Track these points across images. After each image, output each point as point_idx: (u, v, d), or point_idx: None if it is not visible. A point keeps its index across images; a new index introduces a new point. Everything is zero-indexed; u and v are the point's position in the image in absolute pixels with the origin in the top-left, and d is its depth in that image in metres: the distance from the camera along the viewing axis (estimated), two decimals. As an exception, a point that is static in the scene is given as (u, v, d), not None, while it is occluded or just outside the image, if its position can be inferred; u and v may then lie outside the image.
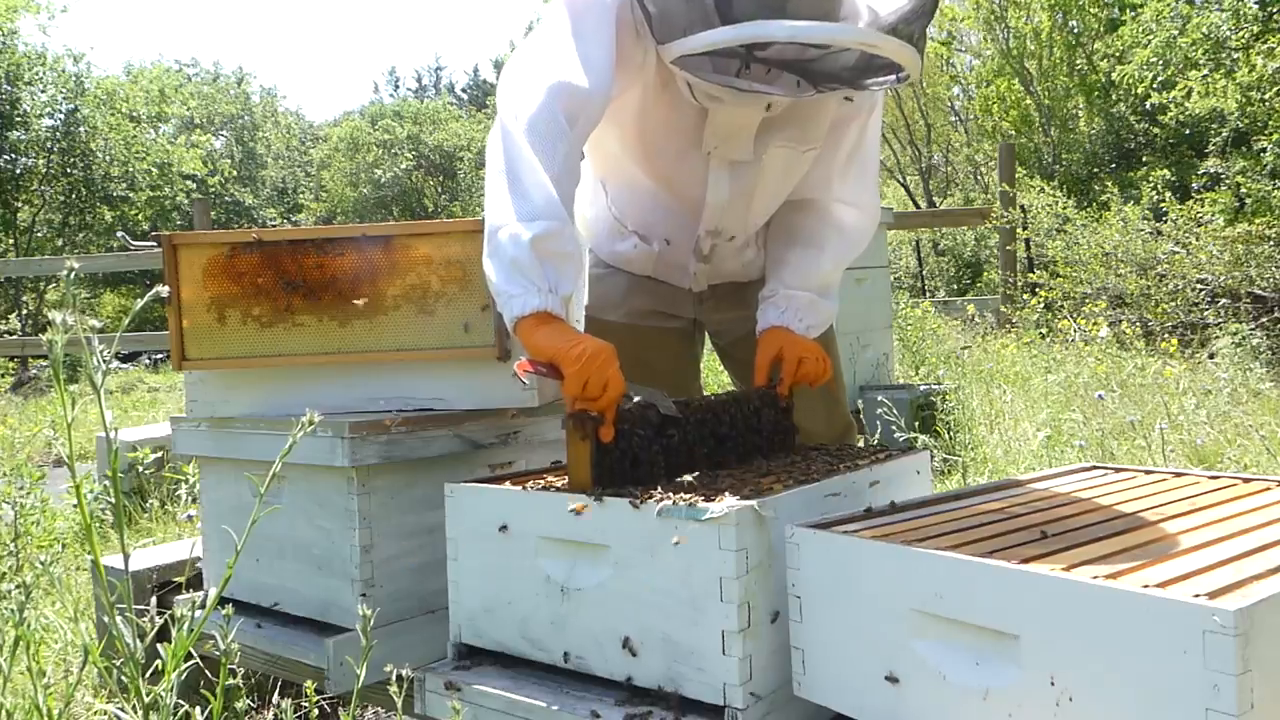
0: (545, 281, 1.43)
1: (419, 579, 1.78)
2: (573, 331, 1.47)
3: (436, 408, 1.85)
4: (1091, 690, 0.93)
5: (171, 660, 1.08)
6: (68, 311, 1.00)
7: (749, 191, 1.80)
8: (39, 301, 16.83)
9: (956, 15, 16.15)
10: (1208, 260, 6.98)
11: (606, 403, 1.43)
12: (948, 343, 6.25)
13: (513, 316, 1.45)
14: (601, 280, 2.03)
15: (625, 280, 2.01)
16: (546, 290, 1.43)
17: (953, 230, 15.64)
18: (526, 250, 1.42)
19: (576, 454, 1.44)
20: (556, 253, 1.45)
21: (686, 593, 1.23)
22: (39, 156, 16.88)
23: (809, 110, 1.74)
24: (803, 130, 1.76)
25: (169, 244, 1.82)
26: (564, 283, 1.46)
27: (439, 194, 26.78)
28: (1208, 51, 9.29)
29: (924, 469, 1.65)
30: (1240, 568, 0.99)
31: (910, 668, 1.09)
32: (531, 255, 1.42)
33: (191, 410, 1.96)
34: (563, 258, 1.46)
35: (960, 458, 3.90)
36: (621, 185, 1.93)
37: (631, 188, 1.90)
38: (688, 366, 2.14)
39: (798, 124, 1.74)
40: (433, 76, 36.42)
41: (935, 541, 1.13)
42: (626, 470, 1.47)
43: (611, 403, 1.44)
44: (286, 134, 30.70)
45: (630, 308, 2.02)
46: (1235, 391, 4.40)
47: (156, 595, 2.08)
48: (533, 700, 1.32)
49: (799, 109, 1.72)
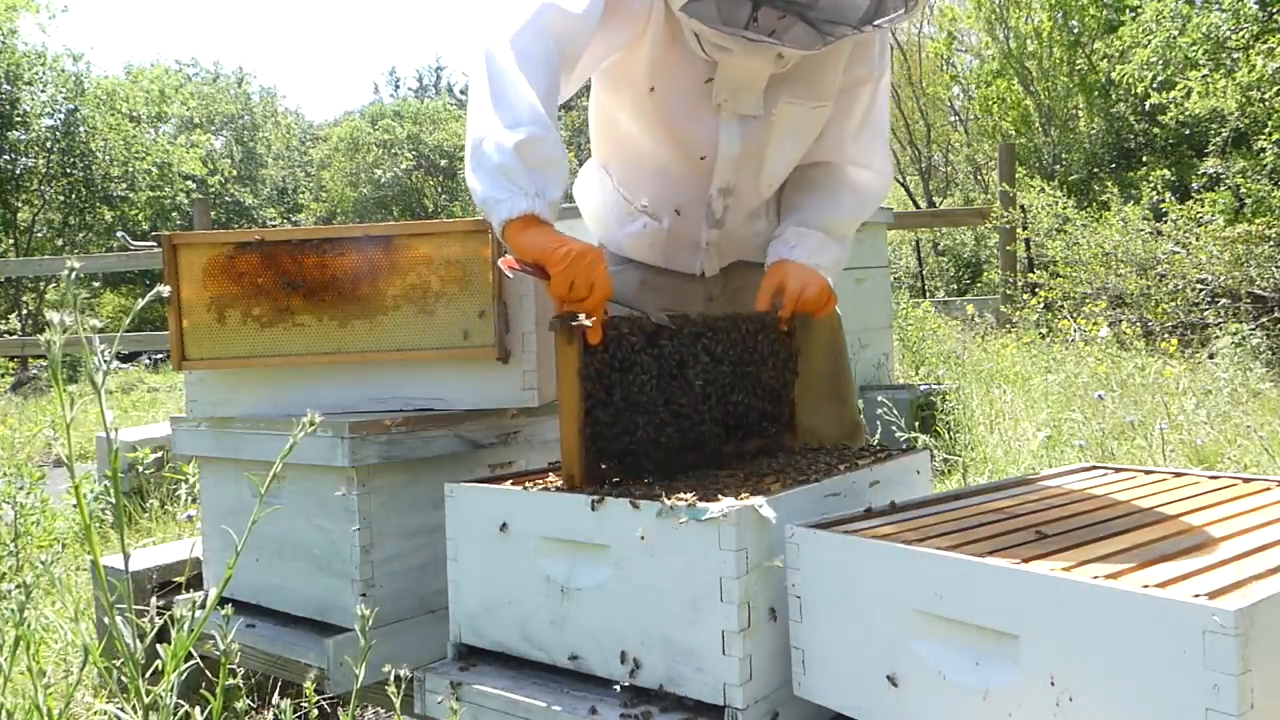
0: (532, 185, 1.43)
1: (419, 579, 1.78)
2: (560, 234, 1.45)
3: (436, 408, 1.85)
4: (1091, 690, 0.93)
5: (171, 660, 1.08)
6: (67, 311, 0.99)
7: (760, 148, 1.79)
8: (39, 301, 16.82)
9: (957, 15, 16.15)
10: (1208, 260, 6.98)
11: (593, 304, 1.41)
12: (948, 343, 6.24)
13: (500, 221, 1.44)
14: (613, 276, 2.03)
15: (635, 279, 2.00)
16: (534, 194, 1.43)
17: (953, 230, 15.65)
18: (511, 156, 1.42)
19: (563, 359, 1.42)
20: (542, 158, 1.44)
21: (686, 593, 1.23)
22: (39, 156, 16.88)
23: (818, 66, 1.74)
24: (812, 86, 1.75)
25: (169, 244, 1.82)
26: (551, 188, 1.45)
27: (439, 194, 26.77)
28: (1208, 51, 9.30)
29: (924, 469, 1.65)
30: (1240, 568, 0.99)
31: (910, 668, 1.09)
32: (517, 160, 1.42)
33: (191, 410, 1.96)
34: (549, 163, 1.45)
35: (960, 458, 3.90)
36: (629, 161, 1.92)
37: (639, 160, 1.89)
38: None
39: (807, 80, 1.74)
40: (433, 76, 36.37)
41: (935, 541, 1.13)
42: (614, 375, 1.44)
43: (598, 304, 1.42)
44: (286, 134, 30.70)
45: (641, 305, 2.01)
46: (1235, 391, 4.40)
47: (156, 595, 2.08)
48: (532, 700, 1.32)
49: (808, 65, 1.72)
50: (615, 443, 1.49)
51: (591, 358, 1.43)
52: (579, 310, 1.42)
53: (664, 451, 1.55)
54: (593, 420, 1.46)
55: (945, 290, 16.26)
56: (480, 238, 1.77)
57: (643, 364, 1.49)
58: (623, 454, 1.50)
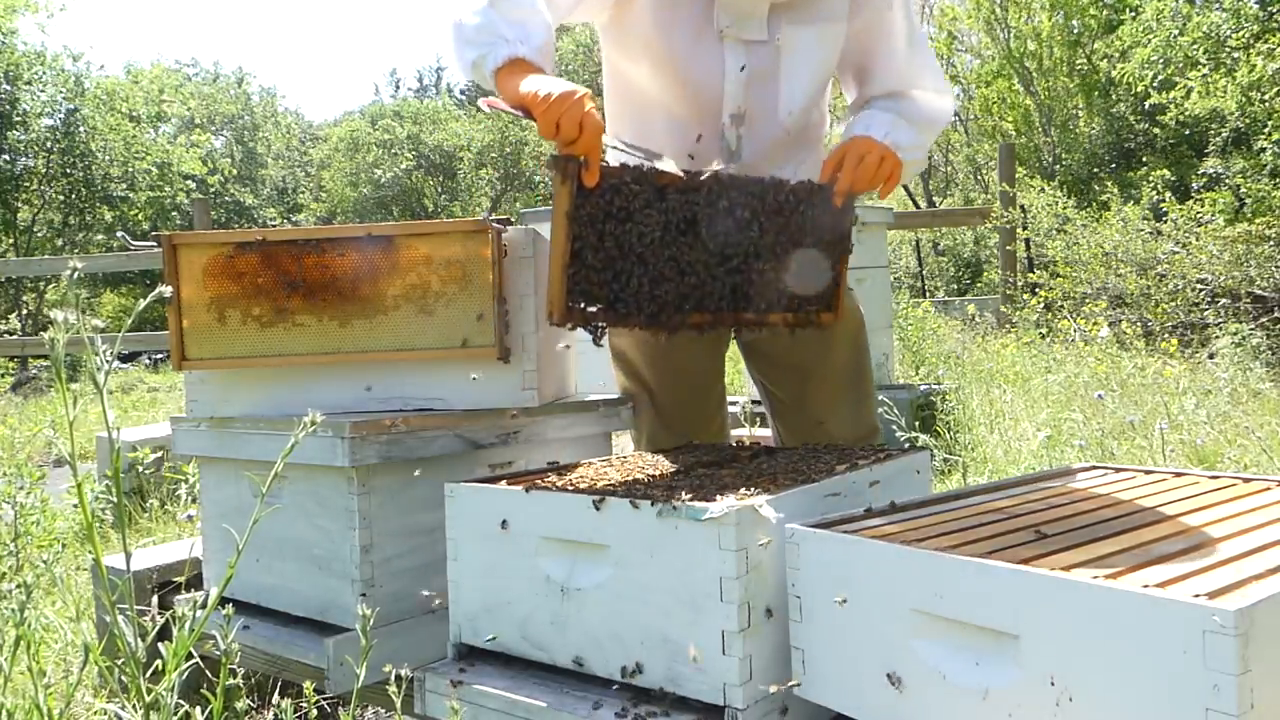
0: (513, 33, 1.44)
1: (419, 579, 1.78)
2: (549, 78, 1.43)
3: (436, 408, 1.85)
4: (1091, 690, 0.93)
5: (172, 660, 1.08)
6: (69, 310, 1.00)
7: (771, 73, 1.77)
8: (39, 301, 16.83)
9: (957, 15, 16.15)
10: (1208, 260, 6.98)
11: (586, 145, 1.39)
12: (948, 343, 6.25)
13: (489, 74, 1.44)
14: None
15: None
16: (516, 40, 1.43)
17: (953, 230, 15.64)
18: (488, 13, 1.44)
19: (557, 198, 1.39)
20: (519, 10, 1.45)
21: (686, 593, 1.23)
22: (39, 156, 16.88)
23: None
24: (813, 6, 1.75)
25: (169, 244, 1.82)
26: (533, 34, 1.45)
27: (439, 194, 26.77)
28: (1208, 51, 9.30)
29: (924, 469, 1.65)
30: (1240, 568, 0.99)
31: (910, 668, 1.09)
32: (494, 15, 1.44)
33: (191, 410, 1.96)
34: (528, 12, 1.46)
35: (960, 458, 3.90)
36: (640, 115, 1.90)
37: (649, 110, 1.87)
38: (712, 366, 2.11)
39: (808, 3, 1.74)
40: (434, 76, 36.36)
41: (935, 541, 1.13)
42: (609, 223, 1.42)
43: (590, 144, 1.40)
44: (286, 134, 30.71)
45: None
46: (1235, 391, 4.40)
47: (157, 595, 2.08)
48: (532, 700, 1.32)
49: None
50: (603, 288, 1.46)
51: (585, 200, 1.39)
52: (573, 152, 1.39)
53: (658, 305, 1.50)
54: (580, 262, 1.43)
55: (945, 290, 16.27)
56: (480, 238, 1.77)
57: (645, 217, 1.44)
58: (611, 300, 1.47)
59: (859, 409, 2.02)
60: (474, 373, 1.82)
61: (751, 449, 1.79)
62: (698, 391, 2.08)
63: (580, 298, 1.45)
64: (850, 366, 2.02)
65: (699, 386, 2.07)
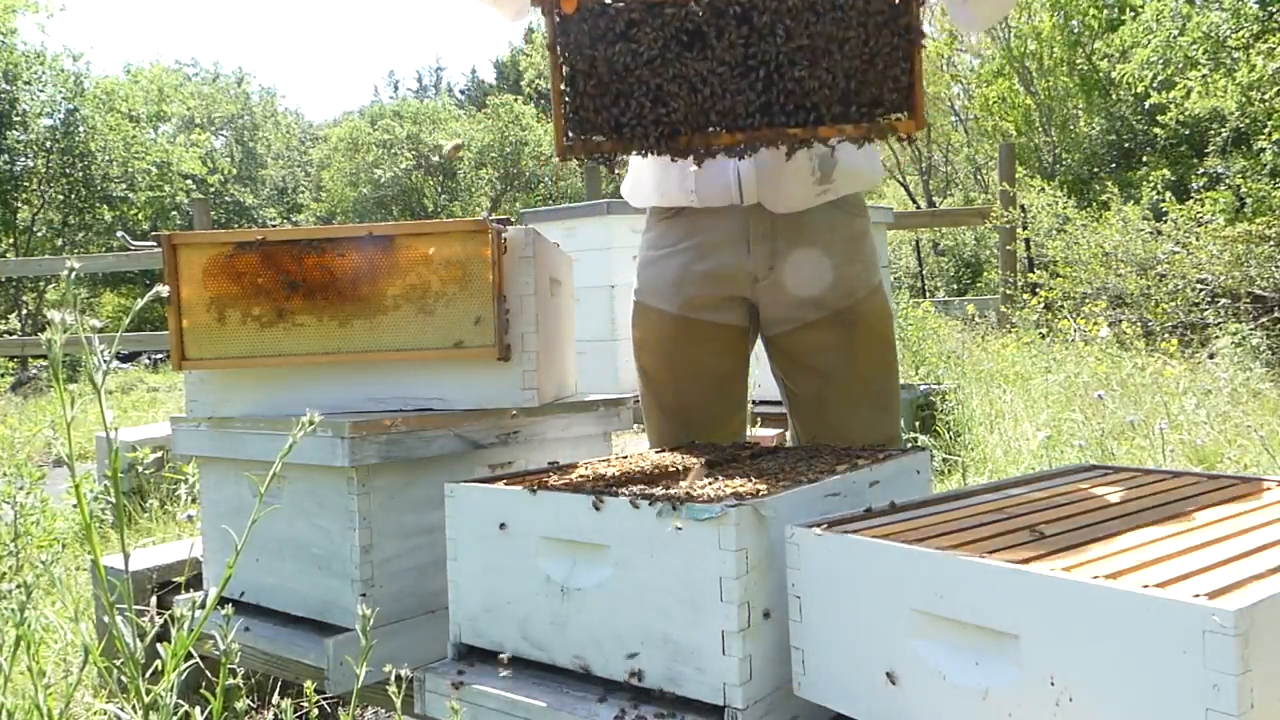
0: None
1: (419, 579, 1.78)
2: None
3: (436, 408, 1.85)
4: (1091, 690, 0.93)
5: (172, 660, 1.08)
6: (67, 311, 1.00)
7: None
8: (39, 301, 16.83)
9: (956, 15, 16.12)
10: (1208, 260, 6.98)
11: None
12: (948, 343, 6.25)
13: None
14: (654, 264, 1.98)
15: (677, 265, 1.95)
16: None
17: (953, 230, 15.65)
18: None
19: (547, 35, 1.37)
20: None
21: (686, 593, 1.23)
22: (38, 156, 16.89)
23: None
24: None
25: (169, 244, 1.82)
26: None
27: (439, 194, 26.78)
28: (1208, 51, 9.30)
29: (924, 469, 1.65)
30: (1240, 568, 0.99)
31: (910, 668, 1.09)
32: None
33: (191, 410, 1.96)
34: None
35: (960, 458, 3.90)
36: None
37: None
38: (735, 367, 2.05)
39: None
40: (433, 77, 36.44)
41: (935, 541, 1.13)
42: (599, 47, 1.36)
43: None
44: (286, 134, 30.72)
45: (683, 297, 1.95)
46: (1235, 391, 4.40)
47: (156, 595, 2.08)
48: (532, 700, 1.32)
49: None
50: (603, 114, 1.41)
51: (569, 27, 1.35)
52: None
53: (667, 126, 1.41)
54: (575, 92, 1.38)
55: (945, 290, 16.28)
56: (480, 237, 1.77)
57: (640, 35, 1.36)
58: (615, 126, 1.42)
59: (882, 418, 1.95)
60: (475, 372, 1.82)
61: (751, 449, 1.79)
62: (715, 390, 2.03)
63: (581, 128, 1.40)
64: (876, 374, 1.95)
65: (717, 385, 2.02)
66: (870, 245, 1.99)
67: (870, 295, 1.96)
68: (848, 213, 1.96)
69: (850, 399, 1.90)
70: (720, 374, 2.02)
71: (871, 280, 1.97)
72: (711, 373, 1.99)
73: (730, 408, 2.07)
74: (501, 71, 33.03)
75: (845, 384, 1.91)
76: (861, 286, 1.95)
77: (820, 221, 1.92)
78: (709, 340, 1.97)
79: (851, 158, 1.88)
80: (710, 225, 1.92)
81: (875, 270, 1.99)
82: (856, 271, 1.94)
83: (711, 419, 2.03)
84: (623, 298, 5.41)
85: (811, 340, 1.94)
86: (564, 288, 2.15)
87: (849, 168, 1.89)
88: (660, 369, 2.02)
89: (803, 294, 1.91)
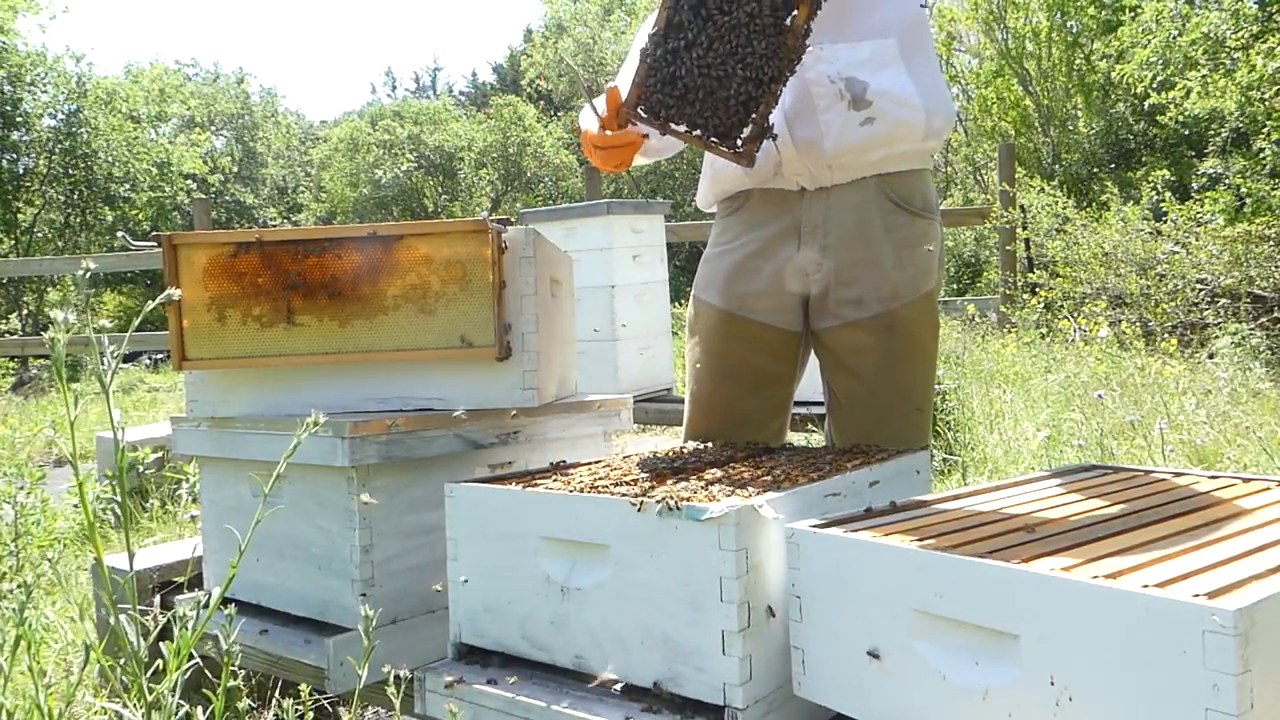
0: None
1: (419, 579, 1.78)
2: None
3: (436, 408, 1.85)
4: (1091, 690, 0.93)
5: (174, 660, 1.08)
6: (70, 310, 1.00)
7: None
8: (39, 301, 16.83)
9: (956, 15, 16.15)
10: (1208, 260, 6.99)
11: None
12: (948, 343, 6.24)
13: None
14: (712, 260, 2.00)
15: (731, 261, 1.95)
16: None
17: (953, 230, 15.64)
18: None
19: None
20: None
21: (686, 593, 1.23)
22: (40, 157, 16.89)
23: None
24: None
25: (169, 244, 1.82)
26: None
27: (439, 194, 26.78)
28: (1207, 51, 9.31)
29: (924, 469, 1.65)
30: (1240, 568, 0.99)
31: (910, 667, 1.09)
32: None
33: (191, 410, 1.96)
34: None
35: (960, 458, 3.90)
36: None
37: None
38: (780, 370, 1.99)
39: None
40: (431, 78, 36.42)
41: (935, 541, 1.13)
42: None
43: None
44: (286, 134, 30.71)
45: (734, 294, 1.95)
46: (1235, 391, 4.40)
47: (159, 595, 2.08)
48: (532, 700, 1.32)
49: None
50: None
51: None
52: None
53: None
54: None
55: (945, 290, 16.26)
56: (480, 238, 1.77)
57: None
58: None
59: (906, 434, 1.90)
60: (475, 372, 1.82)
61: (752, 449, 1.79)
62: (755, 390, 1.99)
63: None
64: (908, 387, 1.91)
65: (758, 385, 1.99)
66: (929, 253, 1.93)
67: (916, 303, 1.91)
68: (911, 214, 1.90)
69: (879, 407, 1.87)
70: (764, 374, 1.98)
71: (920, 288, 1.91)
72: (755, 372, 1.97)
73: (770, 410, 2.02)
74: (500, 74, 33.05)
75: (877, 390, 1.88)
76: (908, 292, 1.89)
77: (877, 218, 1.87)
78: (755, 339, 1.96)
79: (891, 81, 1.79)
80: (766, 218, 1.92)
81: (928, 279, 1.93)
82: (906, 276, 1.89)
83: (747, 418, 2.00)
84: (623, 298, 5.41)
85: (851, 339, 1.90)
86: (564, 288, 2.15)
87: (886, 90, 1.79)
88: (703, 362, 2.02)
89: (844, 290, 1.88)
